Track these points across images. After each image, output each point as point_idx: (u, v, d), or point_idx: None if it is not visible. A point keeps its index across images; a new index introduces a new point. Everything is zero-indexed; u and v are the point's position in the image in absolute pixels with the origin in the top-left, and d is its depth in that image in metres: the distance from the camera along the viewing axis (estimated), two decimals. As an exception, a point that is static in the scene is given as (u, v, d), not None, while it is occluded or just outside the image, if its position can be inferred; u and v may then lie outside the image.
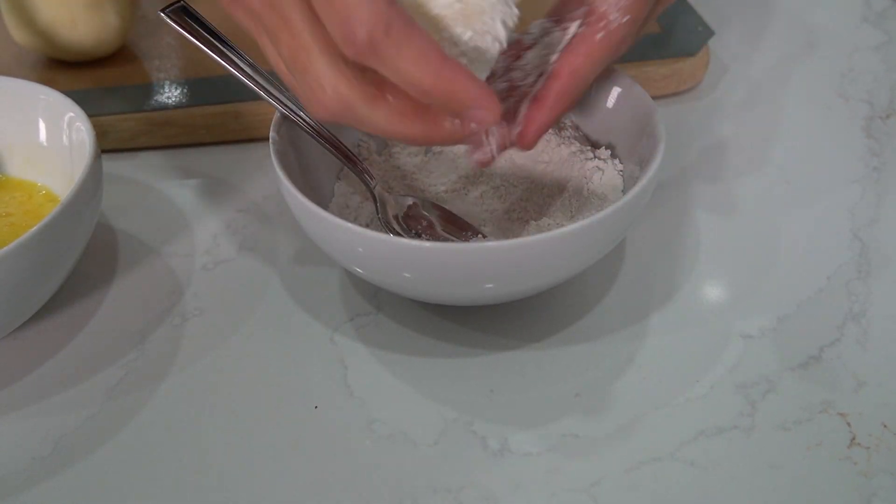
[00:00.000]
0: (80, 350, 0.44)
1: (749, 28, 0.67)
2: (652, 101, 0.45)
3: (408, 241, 0.39)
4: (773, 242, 0.49)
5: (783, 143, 0.56)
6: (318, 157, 0.47)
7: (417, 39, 0.33)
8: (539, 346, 0.44)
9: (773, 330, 0.44)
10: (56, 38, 0.58)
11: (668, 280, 0.47)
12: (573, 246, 0.39)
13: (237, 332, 0.45)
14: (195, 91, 0.58)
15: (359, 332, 0.45)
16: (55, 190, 0.48)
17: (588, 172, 0.47)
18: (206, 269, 0.48)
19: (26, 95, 0.48)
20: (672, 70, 0.59)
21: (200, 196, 0.53)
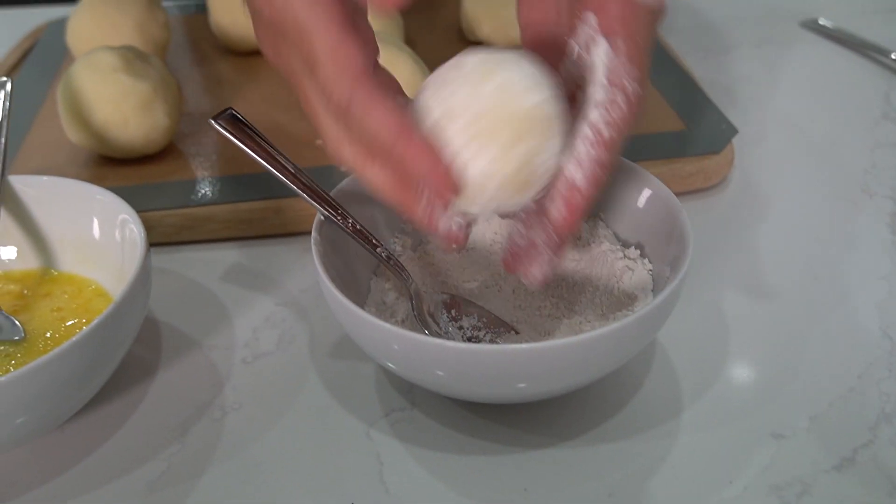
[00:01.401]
0: (123, 443, 0.45)
1: (772, 125, 0.69)
2: (679, 204, 0.46)
3: (441, 342, 0.41)
4: (802, 340, 0.50)
5: (809, 238, 0.57)
6: (356, 255, 0.49)
7: (374, 114, 0.38)
8: (572, 444, 0.44)
9: (805, 430, 0.44)
10: (108, 137, 0.61)
11: (699, 378, 0.47)
12: (605, 348, 0.40)
13: (275, 427, 0.46)
14: (236, 187, 0.60)
15: (394, 427, 0.46)
16: (104, 285, 0.50)
17: (618, 271, 0.48)
18: (245, 362, 0.50)
19: (82, 195, 0.50)
20: (698, 167, 0.61)
21: (241, 289, 0.55)
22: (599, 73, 0.40)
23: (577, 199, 0.39)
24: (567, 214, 0.39)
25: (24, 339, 0.47)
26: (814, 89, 0.75)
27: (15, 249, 0.52)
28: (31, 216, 0.52)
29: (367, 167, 0.40)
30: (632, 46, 0.40)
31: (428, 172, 0.38)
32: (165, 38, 0.75)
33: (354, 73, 0.38)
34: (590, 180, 0.39)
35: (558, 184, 0.40)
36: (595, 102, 0.40)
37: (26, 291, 0.51)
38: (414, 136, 0.38)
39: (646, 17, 0.40)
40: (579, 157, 0.39)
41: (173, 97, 0.64)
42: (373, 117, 0.38)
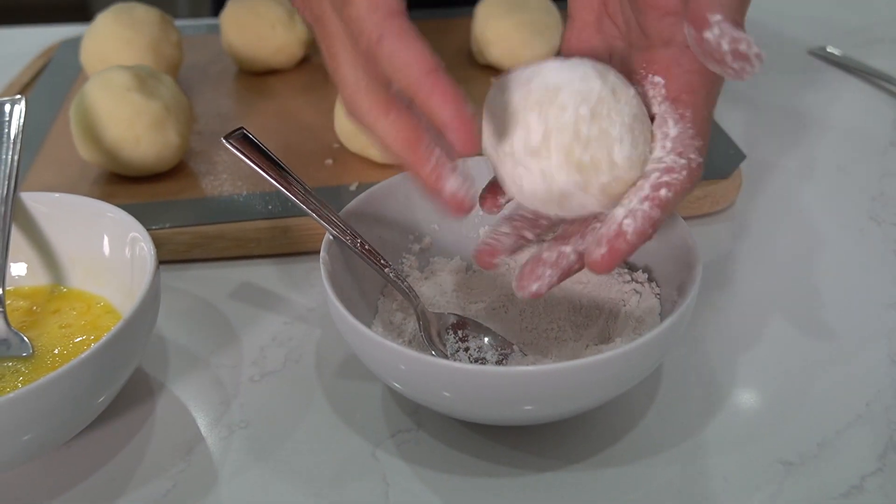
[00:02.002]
0: (129, 461, 0.45)
1: (780, 152, 0.70)
2: (688, 228, 0.46)
3: (448, 363, 0.41)
4: (810, 367, 0.50)
5: (817, 265, 0.57)
6: (364, 275, 0.49)
7: (405, 49, 0.37)
8: (580, 467, 0.44)
9: (813, 457, 0.44)
10: (120, 155, 0.61)
11: (706, 403, 0.47)
12: (612, 371, 0.40)
13: (282, 446, 0.46)
14: (246, 206, 0.61)
15: (400, 448, 0.45)
16: (113, 302, 0.51)
17: (625, 295, 0.48)
18: (252, 380, 0.50)
19: (93, 212, 0.50)
20: (705, 192, 0.61)
21: (248, 308, 0.55)
22: (665, 140, 0.40)
23: (620, 247, 0.39)
24: (607, 258, 0.39)
25: (32, 356, 0.47)
26: (822, 117, 0.75)
27: (25, 266, 0.52)
28: (41, 233, 0.52)
29: (381, 118, 0.40)
30: (697, 118, 0.40)
31: (452, 117, 0.36)
32: (178, 58, 0.76)
33: (389, 7, 0.37)
34: (638, 234, 0.39)
35: (607, 228, 0.40)
36: (657, 164, 0.40)
37: (35, 308, 0.51)
38: (443, 77, 0.37)
39: (710, 83, 0.41)
40: (634, 210, 0.39)
41: (185, 116, 0.64)
42: (404, 52, 0.37)
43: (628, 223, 0.39)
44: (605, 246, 0.39)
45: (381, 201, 0.51)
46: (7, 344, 0.47)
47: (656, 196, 0.39)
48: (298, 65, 0.81)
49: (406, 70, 0.37)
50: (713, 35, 0.37)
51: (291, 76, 0.80)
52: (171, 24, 0.76)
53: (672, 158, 0.40)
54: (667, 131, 0.41)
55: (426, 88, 0.36)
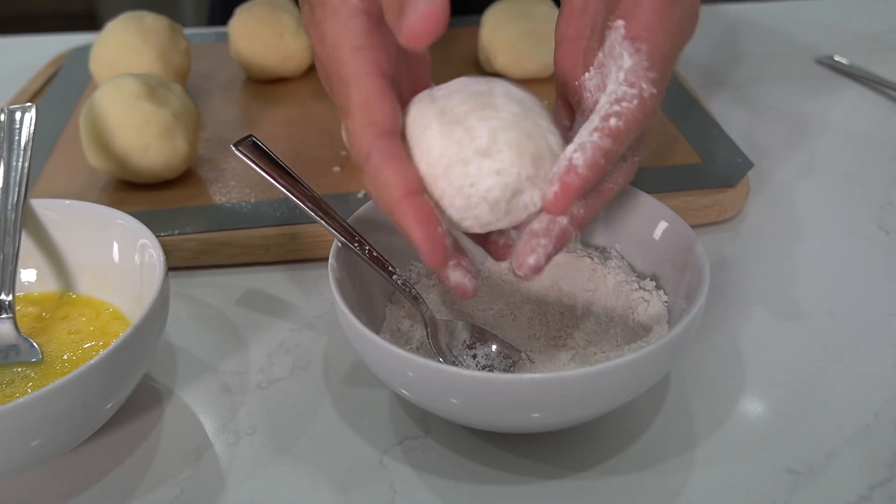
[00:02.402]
0: (137, 467, 0.45)
1: (787, 161, 0.70)
2: (696, 236, 0.46)
3: (456, 370, 0.41)
4: (817, 376, 0.49)
5: (824, 274, 0.57)
6: (372, 282, 0.49)
7: (387, 172, 0.39)
8: (587, 475, 0.44)
9: (821, 466, 0.44)
10: (129, 162, 0.62)
11: (713, 411, 0.47)
12: (620, 379, 0.40)
13: (289, 452, 0.46)
14: (253, 213, 0.61)
15: (407, 455, 0.45)
16: (122, 308, 0.51)
17: (633, 303, 0.48)
18: (260, 387, 0.50)
19: (103, 219, 0.51)
20: (713, 200, 0.61)
21: (256, 315, 0.55)
22: (619, 72, 0.41)
23: (573, 181, 0.39)
24: (560, 194, 0.39)
25: (41, 361, 0.47)
26: (829, 125, 0.75)
27: (35, 272, 0.53)
28: (51, 239, 0.52)
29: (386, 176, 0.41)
30: (654, 51, 0.41)
31: (422, 240, 0.39)
32: (187, 66, 0.76)
33: (379, 130, 0.40)
34: (589, 165, 0.39)
35: (558, 165, 0.39)
36: (609, 95, 0.41)
37: (45, 314, 0.51)
38: (419, 199, 0.39)
39: (673, 23, 0.41)
40: (583, 143, 0.39)
41: (193, 124, 0.65)
42: (385, 175, 0.39)
43: (577, 156, 0.39)
44: (558, 182, 0.39)
45: (389, 209, 0.51)
46: (17, 349, 0.47)
47: (605, 126, 0.40)
48: (306, 73, 0.81)
49: (385, 189, 0.39)
50: None
51: (299, 84, 0.80)
52: (179, 33, 0.76)
53: (623, 89, 0.40)
54: (621, 64, 0.41)
55: (401, 210, 0.39)
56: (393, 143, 0.40)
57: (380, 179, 0.39)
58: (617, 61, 0.41)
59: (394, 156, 0.39)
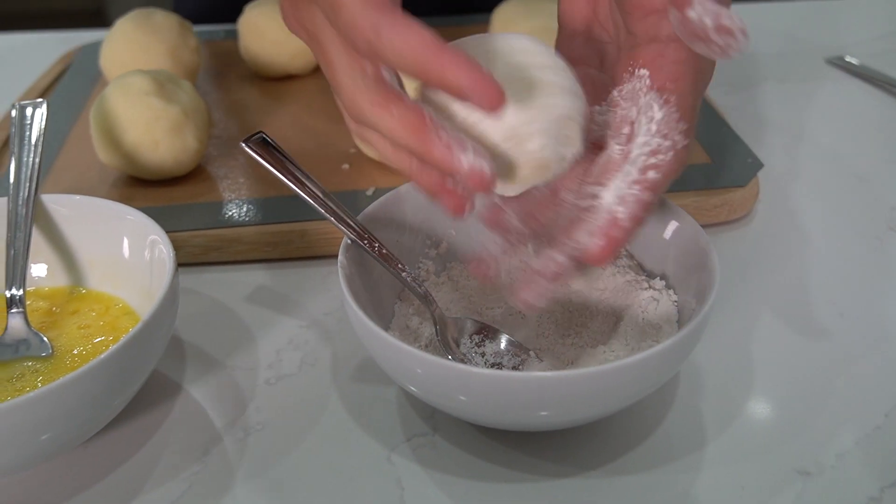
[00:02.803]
0: (145, 462, 0.45)
1: (797, 161, 0.69)
2: (706, 236, 0.46)
3: (465, 367, 0.41)
4: (828, 376, 0.49)
5: (835, 275, 0.57)
6: (381, 279, 0.49)
7: (404, 35, 0.36)
8: (595, 474, 0.44)
9: (831, 467, 0.44)
10: (139, 158, 0.62)
11: (723, 411, 0.47)
12: (628, 378, 0.40)
13: (298, 448, 0.46)
14: (263, 210, 0.61)
15: (415, 452, 0.45)
16: (131, 303, 0.51)
17: (643, 302, 0.48)
18: (268, 383, 0.50)
19: (113, 215, 0.51)
20: (723, 200, 0.61)
21: (265, 311, 0.55)
22: (650, 123, 0.41)
23: (616, 234, 0.40)
24: (605, 247, 0.40)
25: (51, 356, 0.47)
26: (839, 126, 0.75)
27: (45, 267, 0.53)
28: (61, 234, 0.52)
29: (384, 114, 0.39)
30: (682, 103, 0.41)
31: (471, 81, 0.36)
32: (196, 63, 0.76)
33: (380, 2, 0.37)
34: (631, 218, 0.40)
35: (599, 218, 0.40)
36: (643, 148, 0.41)
37: (55, 308, 0.51)
38: (449, 50, 0.36)
39: (696, 72, 0.41)
40: (624, 195, 0.40)
41: (203, 120, 0.65)
42: (404, 38, 0.36)
43: (621, 210, 0.40)
44: (602, 237, 0.40)
45: (399, 206, 0.51)
46: (27, 344, 0.47)
47: (645, 179, 0.40)
48: (315, 70, 0.81)
49: (411, 54, 0.36)
50: (696, 13, 0.38)
51: (308, 81, 0.80)
52: (189, 30, 0.76)
53: (657, 141, 0.41)
54: (651, 115, 0.41)
55: (436, 65, 0.36)
56: (397, 12, 0.37)
57: (400, 47, 0.36)
58: (646, 112, 0.41)
59: (404, 22, 0.37)
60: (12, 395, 0.45)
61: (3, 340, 0.48)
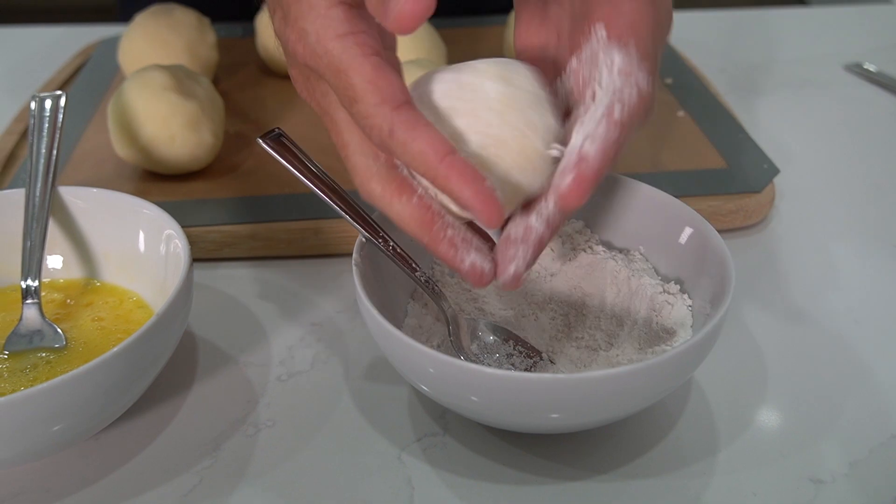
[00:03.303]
0: (156, 455, 0.45)
1: (814, 167, 0.69)
2: (722, 241, 0.46)
3: (477, 367, 0.40)
4: (842, 384, 0.49)
5: (850, 282, 0.57)
6: (394, 278, 0.49)
7: (416, 139, 0.38)
8: (605, 477, 0.44)
9: (844, 476, 0.43)
10: (155, 153, 0.62)
11: (735, 417, 0.47)
12: (641, 383, 0.40)
13: (308, 445, 0.46)
14: (278, 206, 0.61)
15: (426, 452, 0.45)
16: (145, 297, 0.51)
17: (657, 306, 0.48)
18: (280, 380, 0.50)
19: (130, 208, 0.51)
20: (738, 205, 0.61)
21: (278, 308, 0.56)
22: (613, 69, 0.40)
23: (587, 171, 0.38)
24: (575, 186, 0.38)
25: (65, 347, 0.48)
26: (857, 132, 0.74)
27: (61, 259, 0.53)
28: (78, 227, 0.53)
29: (394, 201, 0.41)
30: (642, 48, 0.41)
31: (472, 197, 0.37)
32: (214, 59, 0.76)
33: (396, 101, 0.38)
34: (601, 155, 0.39)
35: (568, 158, 0.39)
36: (608, 88, 0.40)
37: (69, 300, 0.51)
38: (458, 159, 0.38)
39: (652, 19, 0.41)
40: (591, 133, 0.39)
41: (219, 116, 0.65)
42: (418, 141, 0.38)
43: (588, 145, 0.39)
44: (572, 173, 0.39)
45: (414, 205, 0.51)
46: (41, 335, 0.48)
47: (611, 117, 0.39)
48: (332, 69, 0.81)
49: (421, 158, 0.38)
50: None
51: (325, 80, 0.80)
52: (207, 26, 0.77)
53: (621, 80, 0.40)
54: (612, 60, 0.41)
55: (443, 173, 0.38)
56: (412, 112, 0.38)
57: (412, 150, 0.38)
58: (606, 59, 0.41)
59: (418, 123, 0.38)
60: (26, 385, 0.45)
61: (18, 331, 0.48)
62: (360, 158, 0.42)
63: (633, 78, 0.40)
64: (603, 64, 0.41)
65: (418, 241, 0.42)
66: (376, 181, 0.41)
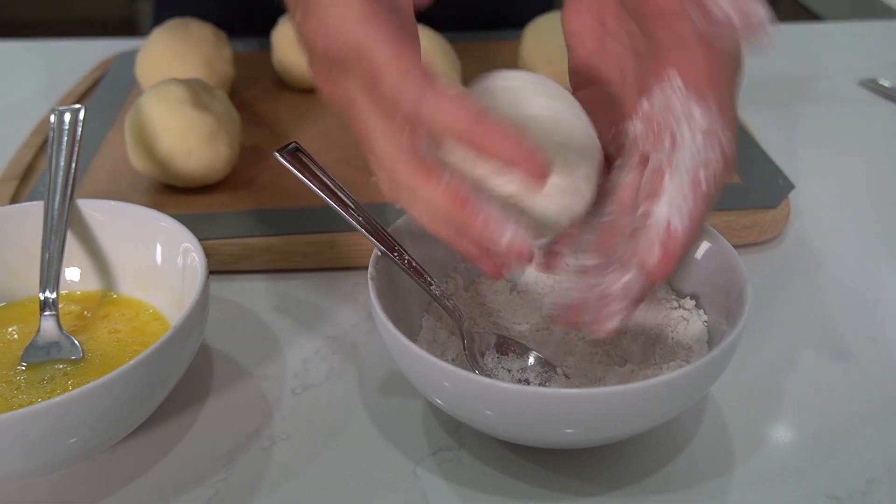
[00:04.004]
0: (171, 468, 0.46)
1: (829, 182, 0.69)
2: (738, 257, 0.46)
3: (492, 381, 0.40)
4: (859, 401, 0.49)
5: (866, 299, 0.56)
6: (409, 292, 0.49)
7: (448, 104, 0.37)
8: (620, 493, 0.44)
9: (862, 493, 0.43)
10: (172, 166, 0.62)
11: (752, 434, 0.47)
12: (656, 398, 0.40)
13: (323, 459, 0.46)
14: (293, 220, 0.61)
15: (441, 467, 0.45)
16: (161, 309, 0.51)
17: (673, 321, 0.48)
18: (295, 393, 0.50)
19: (147, 221, 0.51)
20: (753, 221, 0.60)
21: (293, 321, 0.56)
22: (694, 129, 0.40)
23: (674, 247, 0.39)
24: (664, 260, 0.39)
25: (82, 359, 0.48)
26: (872, 148, 0.74)
27: (78, 271, 0.53)
28: (95, 239, 0.53)
29: (423, 184, 0.39)
30: (722, 101, 0.40)
31: (515, 152, 0.36)
32: (230, 73, 0.77)
33: (421, 73, 0.38)
34: (688, 230, 0.39)
35: (656, 231, 0.39)
36: (692, 157, 0.40)
37: (86, 312, 0.52)
38: (493, 118, 0.37)
39: (729, 70, 0.41)
40: (679, 206, 0.39)
41: (236, 130, 0.65)
42: (447, 106, 0.37)
43: (677, 223, 0.39)
44: (658, 248, 0.39)
45: (429, 219, 0.51)
46: (59, 347, 0.48)
47: (699, 189, 0.39)
48: (347, 83, 0.81)
49: (455, 123, 0.37)
50: (718, 7, 0.38)
51: (340, 94, 0.80)
52: (224, 41, 0.77)
53: (705, 148, 0.39)
54: (693, 120, 0.40)
55: (480, 133, 0.37)
56: (436, 80, 0.38)
57: (444, 115, 0.37)
58: (686, 118, 0.40)
59: (446, 89, 0.37)
60: (43, 397, 0.45)
61: (36, 343, 0.48)
62: (384, 146, 0.40)
63: (717, 138, 0.39)
64: (682, 117, 0.40)
65: (447, 230, 0.40)
66: (403, 166, 0.40)
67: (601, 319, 0.41)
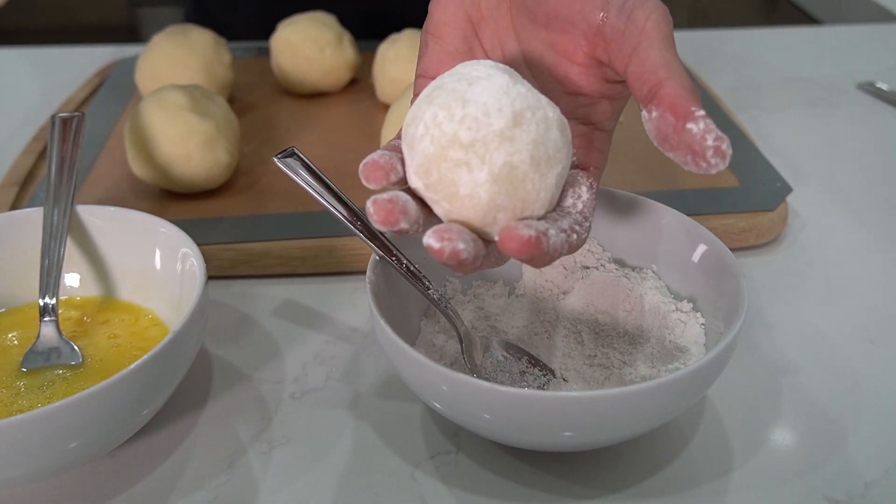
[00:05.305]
0: (171, 472, 0.46)
1: (827, 186, 0.69)
2: (735, 259, 0.46)
3: (490, 385, 0.41)
4: (857, 403, 0.49)
5: (863, 301, 0.57)
6: (408, 296, 0.49)
7: None
8: (618, 496, 0.44)
9: (860, 496, 0.43)
10: (171, 172, 0.63)
11: (749, 437, 0.47)
12: (654, 401, 0.40)
13: (322, 462, 0.46)
14: (292, 224, 0.62)
15: (439, 470, 0.45)
16: (160, 315, 0.52)
17: (670, 324, 0.48)
18: (294, 397, 0.50)
19: (147, 227, 0.51)
20: (751, 224, 0.61)
21: (292, 325, 0.56)
22: (577, 201, 0.40)
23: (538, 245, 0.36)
24: (522, 242, 0.36)
25: (81, 364, 0.48)
26: (870, 151, 0.74)
27: (78, 277, 0.54)
28: (95, 245, 0.53)
29: None
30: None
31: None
32: (230, 79, 0.77)
33: None
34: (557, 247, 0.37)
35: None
36: (569, 218, 0.39)
37: (86, 318, 0.52)
38: None
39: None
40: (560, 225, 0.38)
41: (235, 135, 0.66)
42: None
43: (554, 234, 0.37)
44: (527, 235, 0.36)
45: (427, 224, 0.52)
46: (58, 352, 0.48)
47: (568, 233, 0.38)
48: (346, 88, 0.82)
49: None
50: (698, 128, 0.37)
51: (339, 99, 0.81)
52: (223, 46, 0.78)
53: (577, 222, 0.39)
54: (579, 194, 0.41)
55: None
56: None
57: None
58: (574, 187, 0.41)
59: None
60: (42, 402, 0.45)
61: (36, 348, 0.48)
62: None
63: (582, 227, 0.39)
64: (572, 186, 0.41)
65: None
66: None
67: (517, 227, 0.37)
